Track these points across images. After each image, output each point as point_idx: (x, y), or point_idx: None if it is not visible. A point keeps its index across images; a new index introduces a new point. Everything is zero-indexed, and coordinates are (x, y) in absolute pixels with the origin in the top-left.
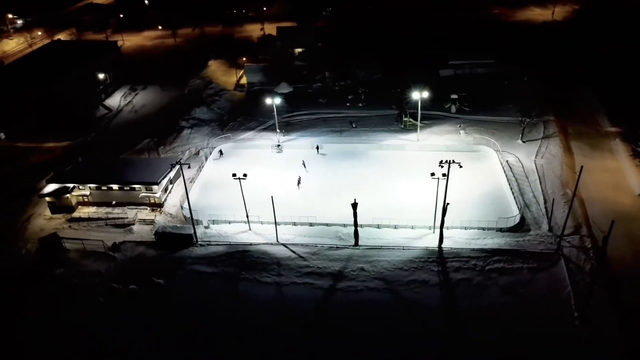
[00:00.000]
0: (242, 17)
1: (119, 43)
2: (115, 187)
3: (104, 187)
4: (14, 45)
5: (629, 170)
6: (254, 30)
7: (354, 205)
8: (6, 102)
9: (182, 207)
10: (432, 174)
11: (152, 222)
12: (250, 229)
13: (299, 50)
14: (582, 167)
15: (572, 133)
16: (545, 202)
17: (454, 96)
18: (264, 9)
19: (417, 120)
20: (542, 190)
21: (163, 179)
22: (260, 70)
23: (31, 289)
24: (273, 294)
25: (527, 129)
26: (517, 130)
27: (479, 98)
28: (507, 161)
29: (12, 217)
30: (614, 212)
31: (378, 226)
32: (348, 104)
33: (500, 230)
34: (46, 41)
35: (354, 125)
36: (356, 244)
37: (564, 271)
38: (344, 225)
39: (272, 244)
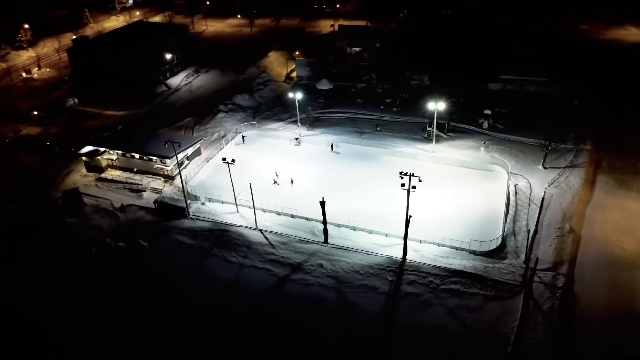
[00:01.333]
0: (318, 12)
1: (203, 28)
2: (136, 155)
3: (128, 155)
4: (115, 23)
5: None
6: (326, 26)
7: (322, 204)
8: (83, 71)
9: (186, 183)
10: (402, 185)
11: (160, 191)
12: (237, 212)
13: (356, 49)
14: (542, 199)
15: (604, 166)
16: (529, 232)
17: (487, 112)
18: (337, 5)
19: (440, 131)
20: (538, 220)
21: (177, 154)
22: (310, 65)
23: (44, 232)
24: (233, 273)
25: (554, 155)
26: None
27: (518, 116)
28: (515, 185)
29: (58, 170)
30: (610, 256)
31: (354, 228)
32: (382, 107)
33: (473, 253)
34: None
35: (378, 129)
36: (325, 241)
37: (519, 305)
38: (326, 223)
39: (250, 228)
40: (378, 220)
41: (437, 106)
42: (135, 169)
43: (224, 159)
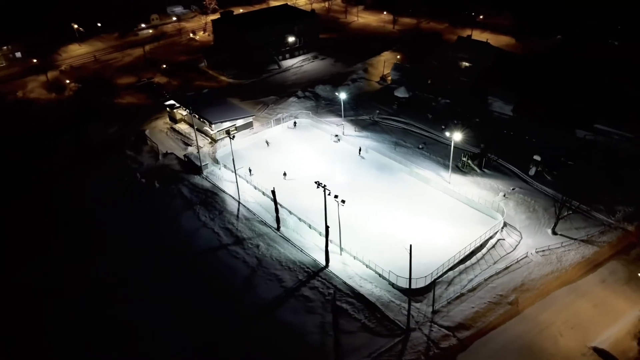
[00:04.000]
0: (468, 20)
1: (354, 19)
2: (196, 115)
3: (193, 114)
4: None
5: (629, 320)
6: (472, 35)
7: (273, 192)
8: (219, 40)
9: (216, 149)
10: (335, 196)
11: (200, 148)
12: (237, 183)
13: (466, 64)
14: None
15: (631, 255)
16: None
17: (536, 157)
18: (482, 16)
19: (473, 163)
20: (486, 281)
21: (222, 122)
22: (404, 70)
23: (112, 155)
24: (193, 228)
25: (579, 224)
26: (568, 219)
27: (583, 173)
28: (499, 240)
29: (154, 113)
30: (532, 344)
31: (309, 226)
32: (443, 127)
33: (392, 285)
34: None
35: (420, 147)
36: (277, 228)
37: (385, 346)
38: (291, 214)
39: (234, 198)
40: (345, 227)
41: (452, 137)
42: (195, 127)
43: (227, 132)
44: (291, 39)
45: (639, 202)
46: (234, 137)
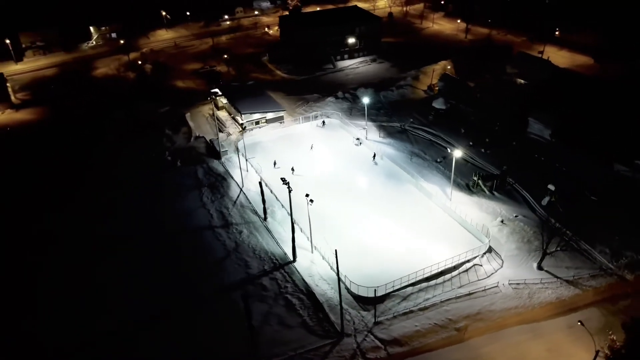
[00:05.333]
0: (547, 35)
1: (429, 25)
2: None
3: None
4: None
5: None
6: (546, 51)
7: (260, 184)
8: (283, 36)
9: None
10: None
11: (229, 134)
12: (247, 170)
13: (521, 81)
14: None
15: (619, 304)
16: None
17: (551, 187)
18: (555, 33)
19: (484, 184)
20: (442, 303)
21: (251, 113)
22: (451, 82)
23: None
24: (192, 207)
25: (570, 262)
26: (561, 256)
27: (603, 209)
28: (476, 265)
29: (205, 98)
30: None
31: (294, 221)
32: (470, 143)
33: (347, 290)
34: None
35: (438, 160)
36: (264, 218)
37: (313, 342)
38: (283, 207)
39: (239, 185)
40: (331, 228)
41: (454, 155)
42: (231, 114)
43: (241, 124)
44: (351, 40)
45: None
46: (244, 128)
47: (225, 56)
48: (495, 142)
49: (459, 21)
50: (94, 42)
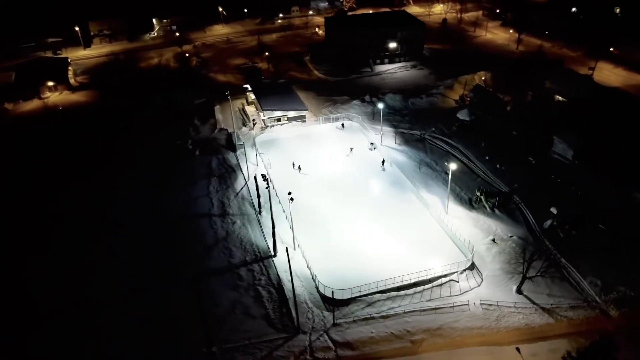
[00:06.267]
0: (603, 52)
1: (482, 33)
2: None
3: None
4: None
5: None
6: (600, 69)
7: (255, 179)
8: (327, 36)
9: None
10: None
11: (251, 129)
12: (256, 164)
13: (560, 98)
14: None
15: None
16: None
17: (553, 210)
18: (613, 48)
19: (486, 201)
20: (405, 314)
21: (272, 110)
22: (481, 93)
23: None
24: (197, 195)
25: (554, 290)
26: (545, 283)
27: (609, 239)
28: (451, 280)
29: (238, 95)
30: None
31: (286, 217)
32: (487, 158)
33: (317, 289)
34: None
35: (447, 172)
36: (259, 212)
37: (268, 334)
38: (280, 203)
39: (245, 177)
40: (325, 229)
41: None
42: (257, 110)
43: (253, 120)
44: (392, 45)
45: None
46: (251, 126)
47: (267, 53)
48: (512, 158)
49: (510, 31)
50: (156, 33)
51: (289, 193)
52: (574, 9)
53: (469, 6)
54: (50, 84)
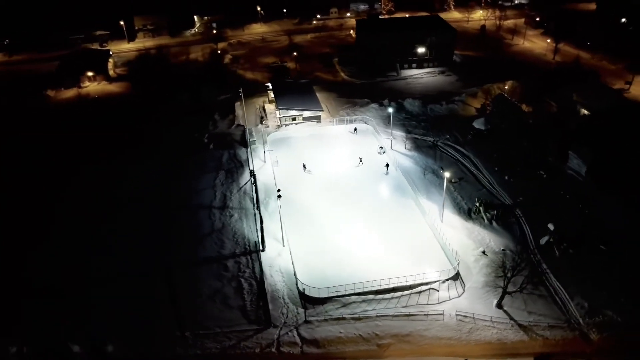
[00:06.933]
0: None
1: (521, 41)
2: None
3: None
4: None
5: None
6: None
7: (252, 172)
8: (358, 39)
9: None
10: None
11: (267, 127)
12: (264, 161)
13: (585, 112)
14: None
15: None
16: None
17: (550, 227)
18: None
19: (484, 212)
20: (377, 317)
21: (287, 110)
22: (503, 103)
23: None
24: (203, 186)
25: (532, 303)
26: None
27: (608, 260)
28: (432, 288)
29: (262, 93)
30: None
31: (280, 215)
32: (496, 168)
33: (297, 286)
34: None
35: (453, 181)
36: (257, 207)
37: (241, 324)
38: (279, 199)
39: (251, 171)
40: (319, 228)
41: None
42: (275, 107)
43: (261, 118)
44: (420, 50)
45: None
46: (267, 124)
47: (295, 53)
48: (523, 170)
49: (548, 40)
50: (196, 30)
51: (278, 190)
52: (623, 20)
53: (509, 13)
54: (90, 74)
